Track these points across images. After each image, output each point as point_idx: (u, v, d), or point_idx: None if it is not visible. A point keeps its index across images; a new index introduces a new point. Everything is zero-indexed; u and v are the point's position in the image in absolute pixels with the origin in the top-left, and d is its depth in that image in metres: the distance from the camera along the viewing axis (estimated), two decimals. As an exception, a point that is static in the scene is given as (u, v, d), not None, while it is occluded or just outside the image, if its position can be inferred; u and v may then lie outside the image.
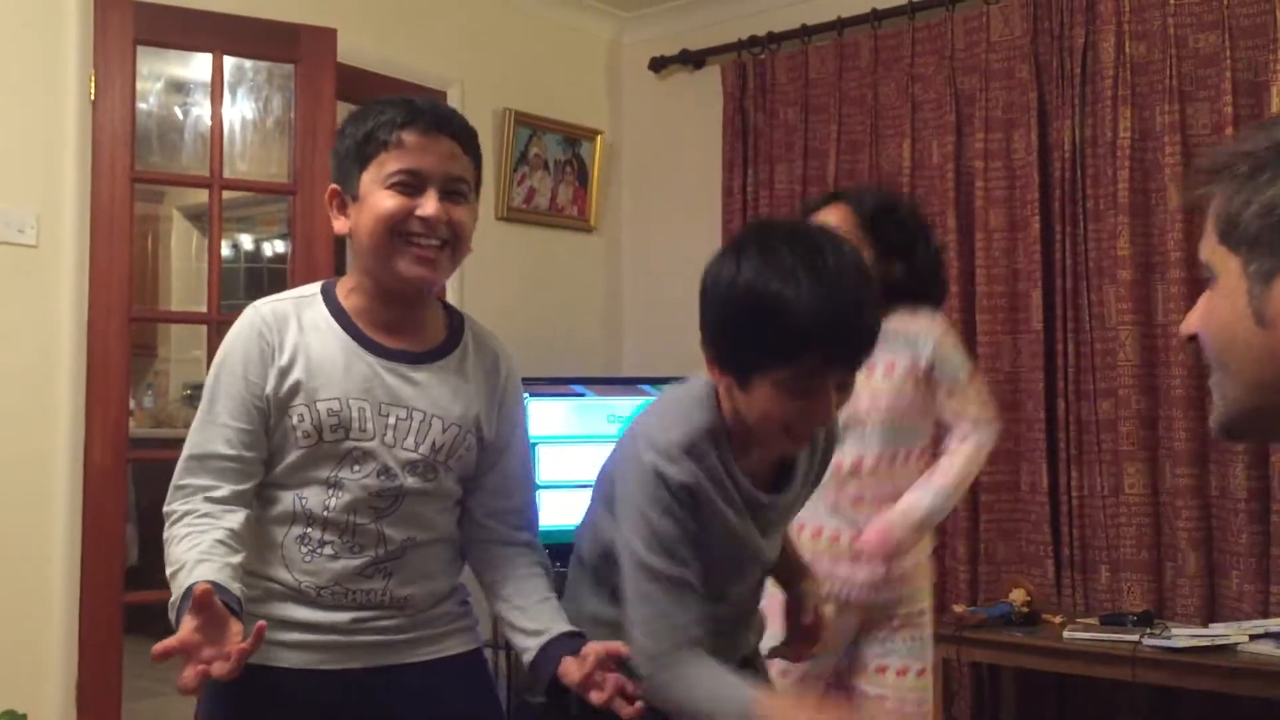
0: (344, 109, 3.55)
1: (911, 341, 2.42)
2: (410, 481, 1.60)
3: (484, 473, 1.70)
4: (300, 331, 1.60)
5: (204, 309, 3.46)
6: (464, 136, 1.63)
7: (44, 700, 2.99)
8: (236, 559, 1.48)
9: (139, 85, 3.29)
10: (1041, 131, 3.62)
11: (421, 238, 1.58)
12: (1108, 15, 3.49)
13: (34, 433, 3.01)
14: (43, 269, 3.07)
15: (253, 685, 1.48)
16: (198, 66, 4.14)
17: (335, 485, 1.58)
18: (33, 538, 2.97)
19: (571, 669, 1.51)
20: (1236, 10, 3.30)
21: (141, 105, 3.65)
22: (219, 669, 1.30)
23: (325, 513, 1.57)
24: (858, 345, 1.45)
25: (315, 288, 1.67)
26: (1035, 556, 3.54)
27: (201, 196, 4.29)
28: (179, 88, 4.55)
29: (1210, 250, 1.00)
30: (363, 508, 1.58)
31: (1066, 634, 3.08)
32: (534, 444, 3.75)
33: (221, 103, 3.38)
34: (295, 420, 1.56)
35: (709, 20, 4.40)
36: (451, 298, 3.37)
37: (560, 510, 3.81)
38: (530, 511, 1.76)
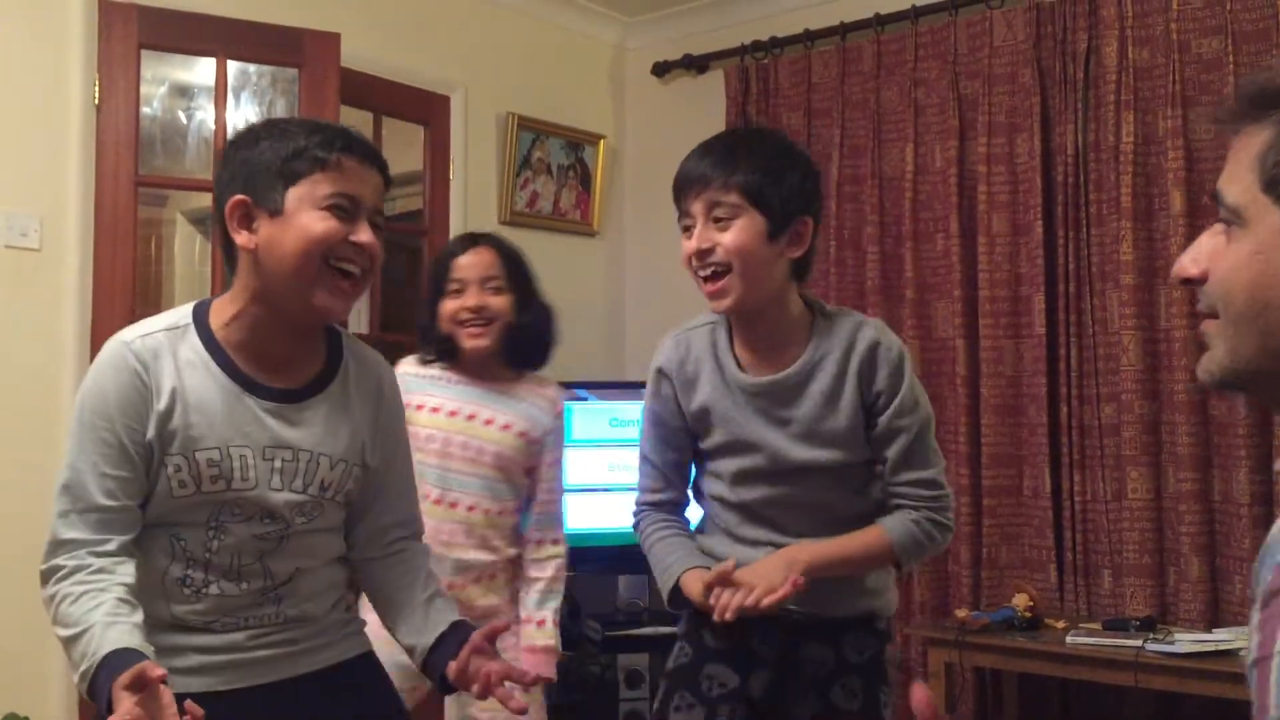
0: (348, 113, 3.56)
1: (533, 410, 2.56)
2: (298, 522, 1.57)
3: (369, 499, 1.67)
4: (176, 371, 1.52)
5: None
6: (387, 174, 1.60)
7: (46, 703, 2.99)
8: (139, 617, 1.43)
9: (143, 90, 3.29)
10: (1044, 136, 3.62)
11: (349, 264, 1.53)
12: (1110, 20, 3.49)
13: (37, 436, 3.01)
14: (46, 273, 3.08)
15: None
16: (201, 71, 4.14)
17: (216, 528, 1.53)
18: (36, 543, 2.97)
19: (452, 672, 1.57)
20: (1239, 15, 3.30)
21: (145, 110, 3.65)
22: None
23: (207, 555, 1.52)
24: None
25: (186, 315, 1.57)
26: (1038, 561, 3.53)
27: (204, 200, 4.28)
28: (183, 92, 4.55)
29: (1244, 194, 0.90)
30: (247, 549, 1.54)
31: (1069, 639, 3.08)
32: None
33: (225, 107, 3.38)
34: (171, 470, 1.50)
35: (712, 25, 4.40)
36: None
37: (566, 513, 3.81)
38: (413, 511, 1.76)
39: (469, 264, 2.49)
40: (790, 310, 1.82)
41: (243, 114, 3.88)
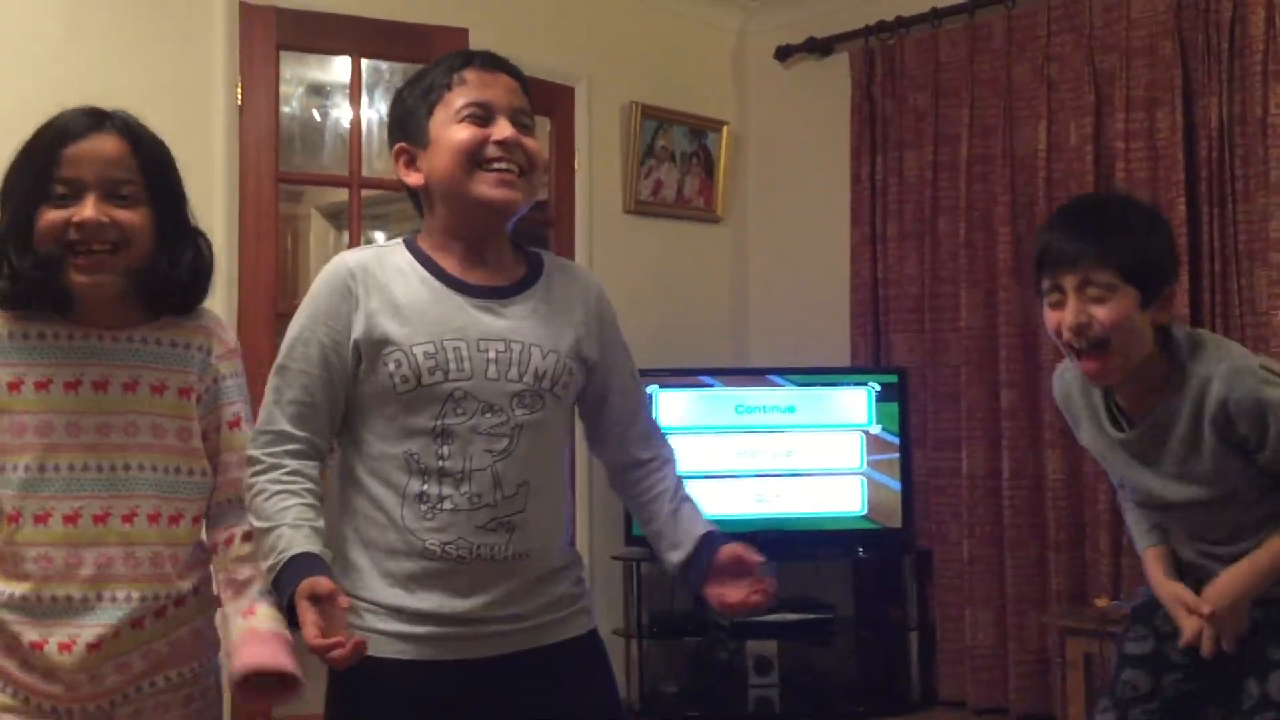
0: (476, 107, 3.62)
1: None
2: (519, 414, 1.59)
3: (602, 397, 1.74)
4: (385, 278, 1.61)
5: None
6: (519, 75, 1.68)
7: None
8: (321, 521, 1.55)
9: (281, 89, 3.41)
10: (1186, 110, 3.49)
11: (500, 161, 1.60)
12: (1257, -14, 3.35)
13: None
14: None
15: (374, 680, 1.54)
16: (336, 69, 4.27)
17: (443, 433, 1.56)
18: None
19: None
20: (1399, -24, 3.13)
21: (284, 109, 3.78)
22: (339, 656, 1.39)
23: (440, 463, 1.55)
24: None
25: (396, 240, 1.69)
26: (1182, 550, 3.42)
27: (338, 195, 4.43)
28: (318, 91, 4.70)
29: None
30: (476, 452, 1.57)
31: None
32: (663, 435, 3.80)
33: (359, 104, 3.48)
34: (391, 368, 1.55)
35: (835, 7, 4.35)
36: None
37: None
38: (651, 424, 1.83)
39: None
40: (1151, 367, 1.91)
41: (375, 110, 3.99)
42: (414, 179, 1.65)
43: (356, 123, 3.48)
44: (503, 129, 1.60)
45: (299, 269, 6.76)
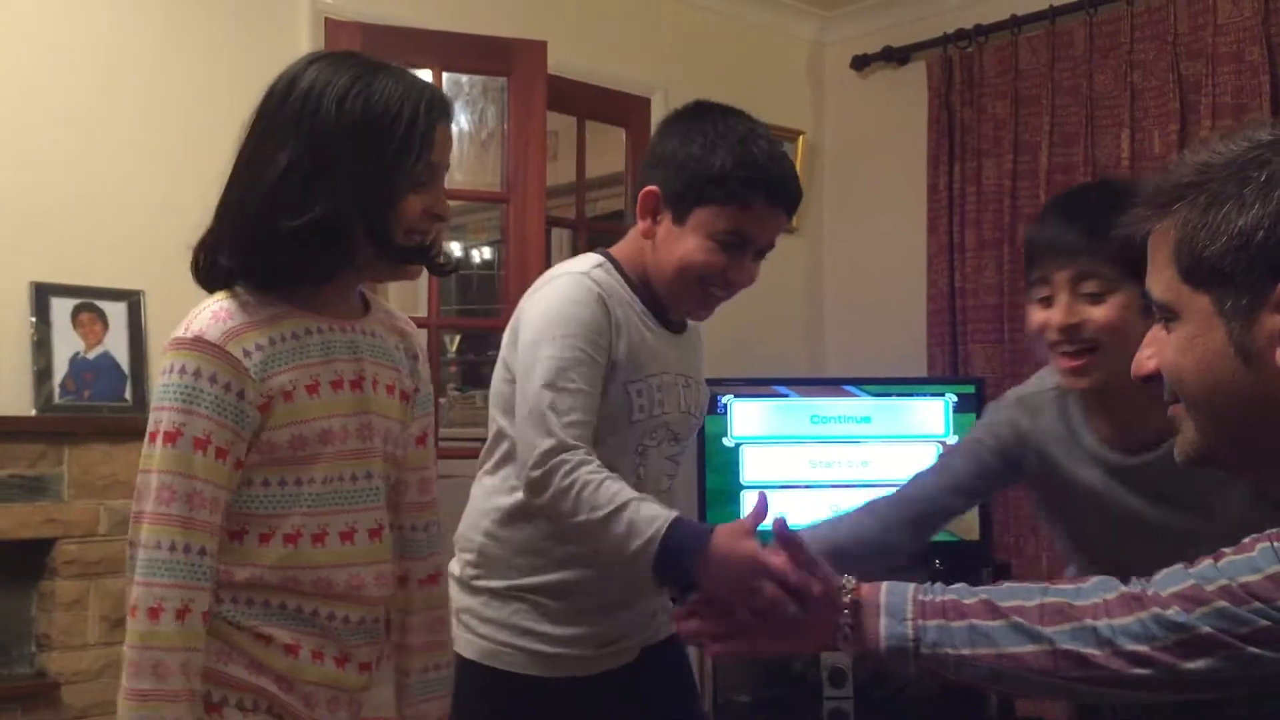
0: (554, 119, 3.67)
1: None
2: (686, 442, 1.72)
3: None
4: (621, 305, 1.64)
5: (423, 313, 3.63)
6: (795, 205, 1.68)
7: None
8: None
9: (364, 103, 3.47)
10: (1275, 116, 3.41)
11: (719, 290, 1.66)
12: (1350, -11, 3.26)
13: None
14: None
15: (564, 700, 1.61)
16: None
17: (641, 453, 1.64)
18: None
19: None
20: None
21: (366, 122, 3.85)
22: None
23: (636, 481, 1.61)
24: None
25: (598, 258, 1.67)
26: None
27: (420, 207, 4.50)
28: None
29: (1167, 288, 0.95)
30: (660, 474, 1.66)
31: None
32: (738, 444, 3.81)
33: (439, 117, 3.54)
34: (634, 395, 1.61)
35: (912, 16, 4.33)
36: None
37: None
38: None
39: None
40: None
41: (455, 122, 4.05)
42: (645, 230, 1.65)
43: (437, 135, 3.54)
44: (743, 270, 1.64)
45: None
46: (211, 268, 1.38)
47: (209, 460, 1.29)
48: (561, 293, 1.58)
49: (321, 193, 1.31)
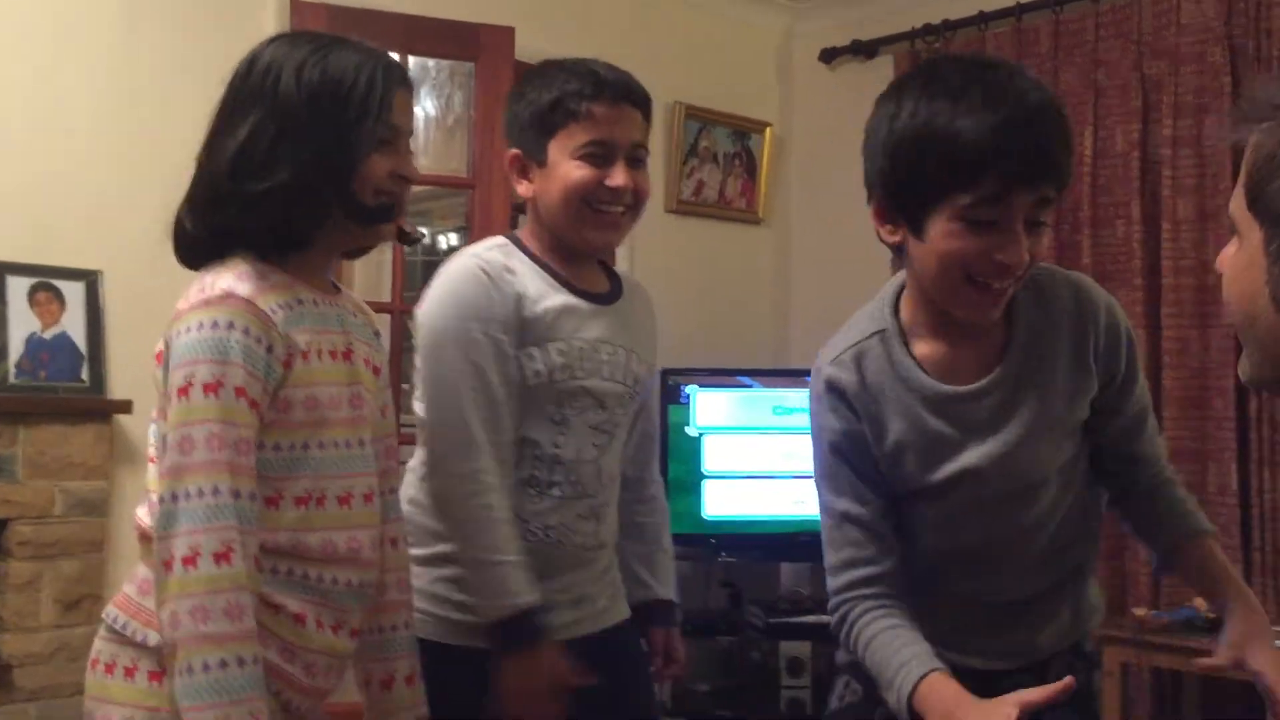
0: (520, 105, 3.65)
1: None
2: (619, 413, 1.69)
3: (638, 411, 1.79)
4: (514, 275, 1.64)
5: (387, 299, 3.61)
6: (644, 104, 1.69)
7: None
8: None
9: (330, 85, 3.45)
10: (1235, 117, 3.45)
11: (609, 205, 1.64)
12: (1311, -7, 3.31)
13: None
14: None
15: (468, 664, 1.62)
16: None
17: (560, 422, 1.63)
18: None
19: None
20: None
21: (332, 104, 3.82)
22: None
23: (554, 449, 1.62)
24: (1035, 161, 1.27)
25: (501, 239, 1.71)
26: (1223, 561, 3.38)
27: (385, 191, 4.48)
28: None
29: (1237, 208, 0.91)
30: (585, 444, 1.65)
31: (1256, 643, 2.94)
32: (701, 434, 3.82)
33: (406, 101, 3.52)
34: (525, 361, 1.61)
35: (881, 10, 4.34)
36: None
37: (727, 500, 3.84)
38: (657, 462, 1.90)
39: None
40: None
41: (421, 107, 4.03)
42: (524, 190, 1.69)
43: (403, 119, 3.52)
44: (618, 175, 1.63)
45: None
46: (195, 242, 1.41)
47: (245, 409, 1.31)
48: (447, 278, 1.64)
49: (286, 157, 1.35)
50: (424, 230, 6.82)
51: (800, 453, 4.01)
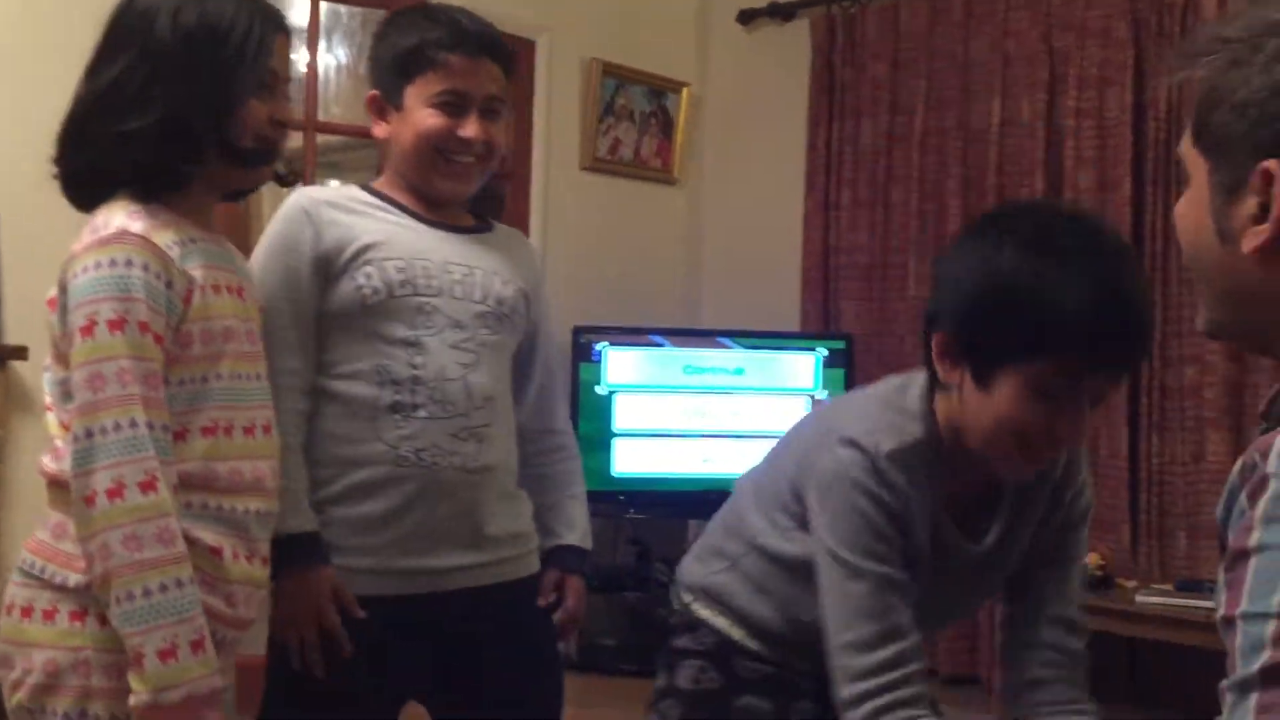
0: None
1: None
2: (483, 333, 1.66)
3: (529, 358, 1.79)
4: (348, 206, 1.66)
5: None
6: (505, 59, 1.70)
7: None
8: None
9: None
10: (1137, 91, 3.55)
11: (459, 155, 1.66)
12: (1211, -28, 3.40)
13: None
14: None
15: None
16: (294, 13, 4.22)
17: (415, 344, 1.62)
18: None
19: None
20: (1348, -32, 3.19)
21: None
22: None
23: (413, 370, 1.61)
24: (1129, 348, 1.26)
25: (350, 185, 1.74)
26: (1111, 522, 3.51)
27: (294, 142, 4.38)
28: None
29: (1186, 147, 0.91)
30: (448, 362, 1.63)
31: (1139, 598, 3.07)
32: (612, 392, 3.84)
33: (317, 49, 3.45)
34: (362, 280, 1.60)
35: (799, -27, 4.36)
36: (533, 245, 3.41)
37: (636, 457, 3.88)
38: (563, 411, 1.88)
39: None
40: None
41: (334, 55, 3.94)
42: (380, 131, 1.70)
43: (313, 67, 3.45)
44: (470, 126, 1.65)
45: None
46: (77, 183, 1.43)
47: (151, 344, 1.33)
48: (277, 214, 1.67)
49: (159, 98, 1.37)
50: (295, 174, 6.72)
51: (710, 411, 4.08)
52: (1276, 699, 0.74)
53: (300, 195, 1.66)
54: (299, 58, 3.48)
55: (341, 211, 1.65)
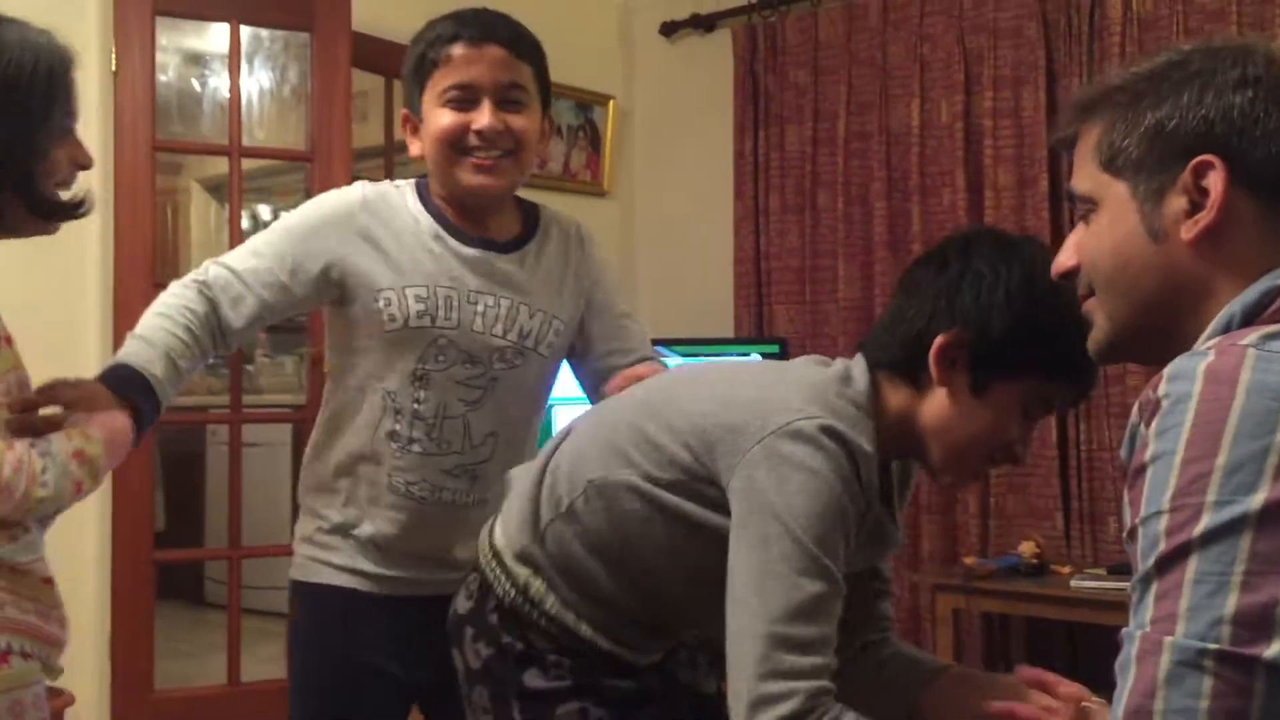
0: (360, 77, 3.60)
1: None
2: (497, 368, 1.62)
3: (590, 336, 1.74)
4: (394, 214, 1.63)
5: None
6: (514, 42, 1.63)
7: (78, 660, 3.08)
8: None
9: (158, 58, 3.33)
10: (1050, 89, 3.64)
11: (480, 150, 1.59)
12: (1115, -28, 3.51)
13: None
14: (67, 239, 3.09)
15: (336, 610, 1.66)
16: (215, 39, 4.20)
17: (422, 378, 1.59)
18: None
19: None
20: (1243, -35, 3.31)
21: (160, 78, 3.69)
22: None
23: (415, 404, 1.59)
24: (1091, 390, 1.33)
25: (410, 181, 1.70)
26: (1044, 510, 3.59)
27: (220, 168, 4.35)
28: (196, 60, 4.61)
29: (1090, 180, 1.03)
30: (451, 400, 1.60)
31: (1074, 583, 3.14)
32: (550, 405, 3.84)
33: (239, 73, 3.43)
34: (382, 304, 1.58)
35: (719, -16, 4.42)
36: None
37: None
38: (646, 344, 1.78)
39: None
40: None
41: (256, 80, 3.93)
42: (415, 149, 1.66)
43: (236, 91, 3.43)
44: (482, 117, 1.58)
45: (179, 243, 6.61)
46: None
47: None
48: (333, 194, 1.67)
49: None
50: (266, 216, 6.63)
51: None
52: (1171, 584, 0.81)
53: (364, 189, 1.64)
54: (219, 82, 3.46)
55: (385, 218, 1.62)
